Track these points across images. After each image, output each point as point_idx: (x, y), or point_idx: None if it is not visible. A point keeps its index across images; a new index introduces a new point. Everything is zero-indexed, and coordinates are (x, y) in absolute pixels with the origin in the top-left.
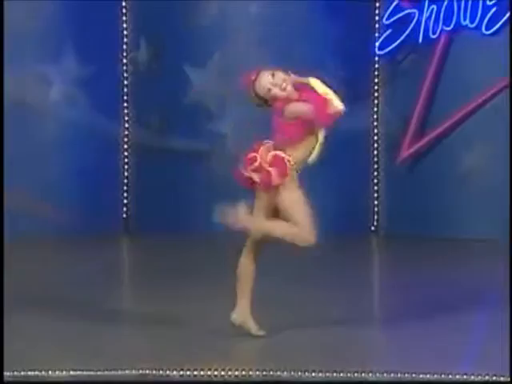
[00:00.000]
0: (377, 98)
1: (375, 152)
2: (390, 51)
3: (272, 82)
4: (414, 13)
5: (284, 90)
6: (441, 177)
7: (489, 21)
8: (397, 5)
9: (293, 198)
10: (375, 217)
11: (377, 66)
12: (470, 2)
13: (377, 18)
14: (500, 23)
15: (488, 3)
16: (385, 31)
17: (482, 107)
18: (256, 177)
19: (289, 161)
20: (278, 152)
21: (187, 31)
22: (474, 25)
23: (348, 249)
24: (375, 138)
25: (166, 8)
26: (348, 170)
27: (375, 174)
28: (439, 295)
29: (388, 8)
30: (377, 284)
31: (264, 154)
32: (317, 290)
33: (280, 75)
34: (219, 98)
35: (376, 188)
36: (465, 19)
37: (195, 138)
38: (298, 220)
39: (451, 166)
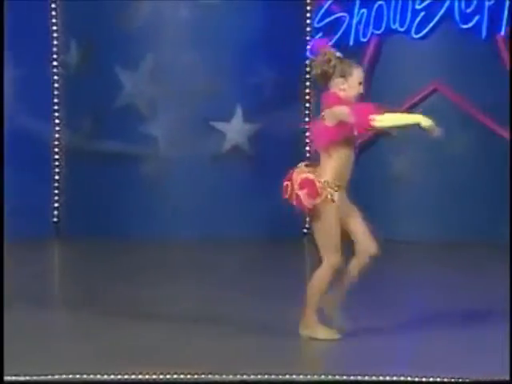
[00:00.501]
0: (308, 100)
1: (307, 155)
2: None
3: (361, 80)
4: (345, 16)
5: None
6: (371, 179)
7: (418, 25)
8: (327, 8)
9: (319, 226)
10: (308, 219)
11: (308, 69)
12: (399, 7)
13: (308, 21)
14: (429, 27)
15: (417, 7)
16: (316, 34)
17: (411, 111)
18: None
19: (319, 181)
20: (308, 174)
21: (119, 33)
22: (403, 29)
23: (280, 251)
24: (307, 140)
25: (97, 9)
26: (281, 172)
27: None
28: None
29: (319, 11)
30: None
31: (296, 178)
32: (247, 295)
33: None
34: (151, 101)
35: None
36: (394, 23)
37: (127, 140)
38: (321, 245)
39: (380, 170)
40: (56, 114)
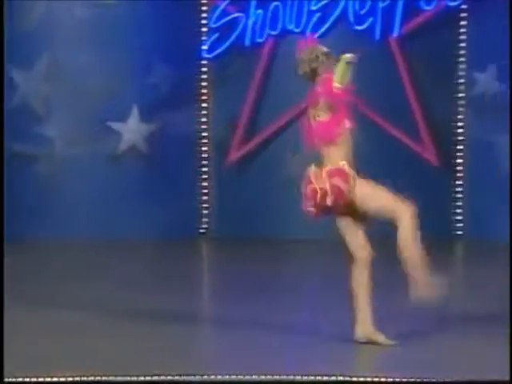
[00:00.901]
0: (205, 101)
1: (204, 155)
2: (217, 55)
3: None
4: (241, 17)
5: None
6: (268, 179)
7: (313, 25)
8: (223, 9)
9: (366, 191)
10: (205, 220)
11: (205, 69)
12: (295, 7)
13: (204, 21)
14: (324, 28)
15: (312, 8)
16: (212, 35)
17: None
18: (329, 200)
19: (343, 167)
20: (329, 167)
21: (13, 33)
22: (299, 29)
23: (175, 252)
24: (204, 140)
25: None
26: (177, 172)
27: (204, 176)
28: (267, 293)
29: (215, 12)
30: (205, 287)
31: (317, 178)
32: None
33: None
34: (46, 100)
35: (205, 191)
36: (290, 24)
37: (22, 141)
38: (384, 199)
39: (278, 169)
40: None
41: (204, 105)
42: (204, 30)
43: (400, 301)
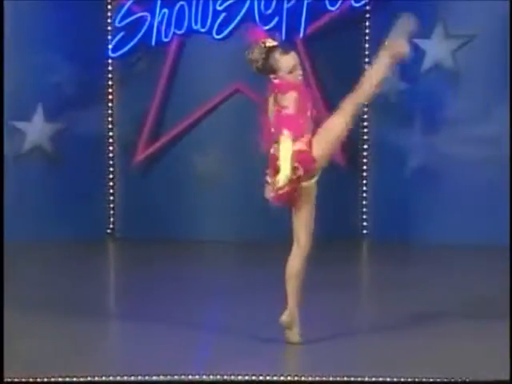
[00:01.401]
0: (111, 100)
1: (110, 155)
2: (123, 54)
3: (295, 64)
4: (146, 16)
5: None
6: (175, 179)
7: (219, 25)
8: (128, 8)
9: (307, 206)
10: (111, 220)
11: (110, 68)
12: (200, 7)
13: (109, 20)
14: (230, 28)
15: (218, 8)
16: (117, 34)
17: (214, 111)
18: (300, 171)
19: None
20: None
21: None
22: (205, 29)
23: (83, 252)
24: (110, 140)
25: None
26: (83, 173)
27: (111, 176)
28: (172, 294)
29: (120, 11)
30: (110, 286)
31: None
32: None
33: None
34: None
35: (112, 191)
36: (196, 23)
37: None
38: (305, 226)
39: (185, 169)
40: None
41: (110, 104)
42: (109, 28)
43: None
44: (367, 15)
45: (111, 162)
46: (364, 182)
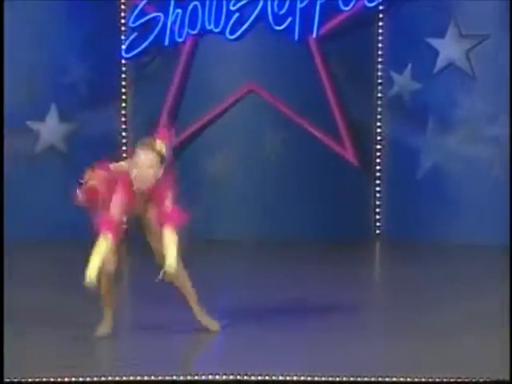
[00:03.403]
0: (124, 100)
1: (124, 155)
2: (136, 54)
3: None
4: (160, 16)
5: None
6: (187, 179)
7: (232, 25)
8: (142, 8)
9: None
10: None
11: (124, 68)
12: (214, 7)
13: (122, 20)
14: (243, 28)
15: (231, 8)
16: (131, 34)
17: (227, 111)
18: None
19: None
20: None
21: None
22: (218, 29)
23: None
24: (123, 140)
25: None
26: None
27: None
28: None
29: (133, 11)
30: None
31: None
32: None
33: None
34: None
35: None
36: (209, 23)
37: None
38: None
39: (198, 168)
40: None
41: (123, 104)
42: (123, 29)
43: None
44: (380, 15)
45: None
46: (377, 181)
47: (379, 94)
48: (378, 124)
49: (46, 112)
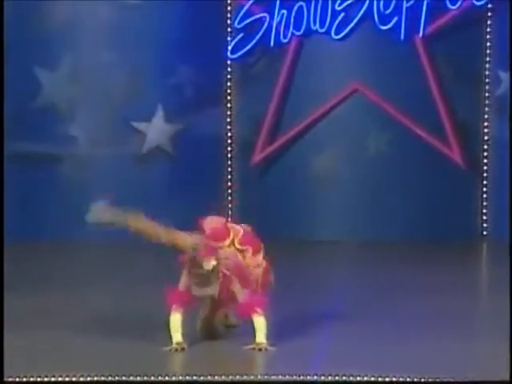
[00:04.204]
0: (230, 101)
1: (229, 155)
2: (242, 55)
3: None
4: (265, 17)
5: None
6: (292, 180)
7: (338, 26)
8: (248, 9)
9: None
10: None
11: (229, 69)
12: (319, 8)
13: (228, 21)
14: (349, 28)
15: (337, 8)
16: (237, 35)
17: (332, 111)
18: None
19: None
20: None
21: (37, 33)
22: (323, 29)
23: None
24: (229, 141)
25: (13, 9)
26: (201, 173)
27: (229, 177)
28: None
29: (239, 12)
30: None
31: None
32: None
33: None
34: (70, 101)
35: (230, 191)
36: (315, 24)
37: (46, 141)
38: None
39: (303, 169)
40: None
41: (228, 105)
42: (228, 30)
43: None
44: (489, 14)
45: (229, 163)
46: (484, 182)
47: (486, 94)
48: (485, 124)
49: (152, 113)
